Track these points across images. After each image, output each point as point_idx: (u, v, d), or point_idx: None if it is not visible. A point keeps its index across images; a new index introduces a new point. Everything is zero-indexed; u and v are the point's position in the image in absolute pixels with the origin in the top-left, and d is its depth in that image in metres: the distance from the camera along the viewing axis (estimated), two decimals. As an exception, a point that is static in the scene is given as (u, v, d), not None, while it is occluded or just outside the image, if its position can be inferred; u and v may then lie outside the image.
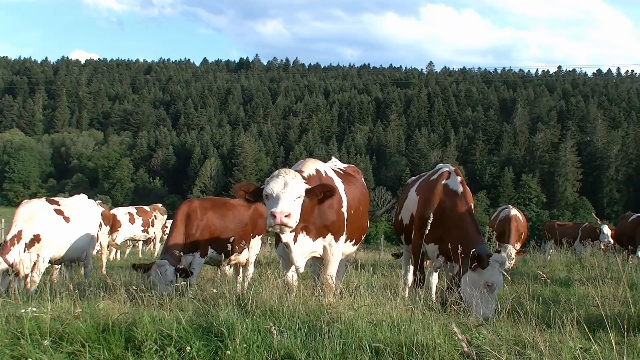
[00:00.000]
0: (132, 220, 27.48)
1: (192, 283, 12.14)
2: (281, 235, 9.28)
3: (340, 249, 10.42)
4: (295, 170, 9.66)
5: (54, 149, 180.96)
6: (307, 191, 9.29)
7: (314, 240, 10.02)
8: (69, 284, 10.26)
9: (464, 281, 10.11)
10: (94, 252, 17.14)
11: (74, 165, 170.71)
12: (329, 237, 10.16)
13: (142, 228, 28.03)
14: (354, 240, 11.14)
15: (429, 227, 9.07)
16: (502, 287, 10.46)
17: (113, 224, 25.73)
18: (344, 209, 10.43)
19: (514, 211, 22.79)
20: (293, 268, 10.12)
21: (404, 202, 12.34)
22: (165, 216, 30.04)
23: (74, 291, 9.25)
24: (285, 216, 8.67)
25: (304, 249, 9.95)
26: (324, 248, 10.19)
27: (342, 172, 11.54)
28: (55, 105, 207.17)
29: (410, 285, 12.24)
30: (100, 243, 21.30)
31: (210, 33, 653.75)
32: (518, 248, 20.75)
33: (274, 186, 9.02)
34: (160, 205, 30.88)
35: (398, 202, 13.21)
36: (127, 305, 8.77)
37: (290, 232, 9.28)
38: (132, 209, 28.58)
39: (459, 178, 11.17)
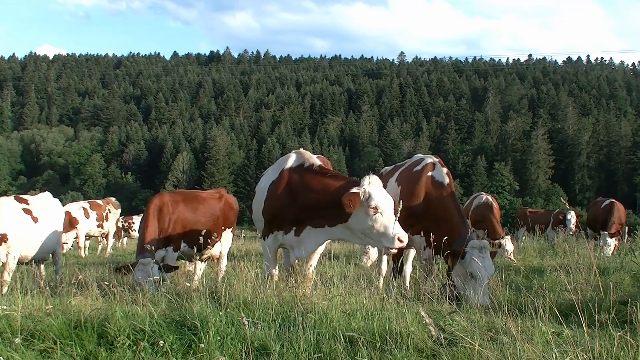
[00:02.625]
0: (86, 215, 26.95)
1: (166, 278, 12.08)
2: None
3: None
4: (302, 162, 10.05)
5: (23, 146, 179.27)
6: None
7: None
8: (40, 281, 10.19)
9: (454, 274, 10.15)
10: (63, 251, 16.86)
11: (44, 162, 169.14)
12: None
13: (97, 223, 27.39)
14: None
15: (399, 218, 9.08)
16: (493, 271, 10.41)
17: (70, 221, 25.40)
18: None
19: (489, 198, 22.88)
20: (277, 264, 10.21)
21: None
22: (119, 210, 29.50)
23: (45, 288, 9.19)
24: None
25: (313, 240, 10.08)
26: None
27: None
28: (24, 101, 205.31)
29: (384, 274, 12.26)
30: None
31: (180, 26, 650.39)
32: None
33: (384, 201, 9.09)
34: (113, 199, 30.24)
35: None
36: (99, 301, 8.73)
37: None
38: (85, 204, 28.03)
39: (445, 169, 11.22)
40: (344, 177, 10.02)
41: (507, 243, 19.79)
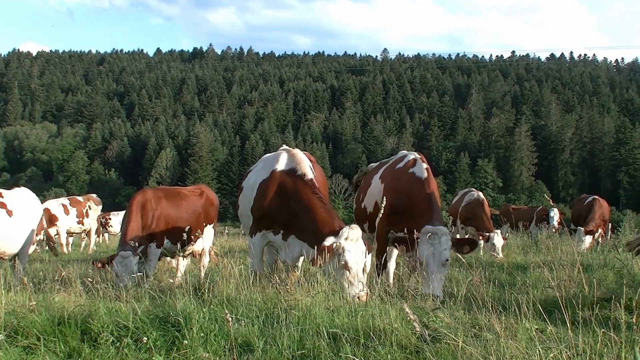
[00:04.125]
0: (66, 212, 26.73)
1: (150, 274, 12.06)
2: None
3: None
4: (294, 168, 10.09)
5: (6, 142, 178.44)
6: None
7: None
8: (23, 277, 10.15)
9: (413, 263, 10.15)
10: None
11: (27, 159, 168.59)
12: None
13: (77, 219, 27.18)
14: None
15: (382, 214, 9.11)
16: (449, 257, 10.29)
17: (50, 218, 25.23)
18: None
19: (481, 194, 22.80)
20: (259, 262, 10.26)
21: (367, 190, 12.30)
22: (100, 207, 29.29)
23: (28, 284, 9.16)
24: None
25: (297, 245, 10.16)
26: None
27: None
28: (7, 98, 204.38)
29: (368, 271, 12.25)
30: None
31: (162, 23, 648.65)
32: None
33: (354, 260, 9.17)
34: (94, 195, 29.89)
35: (360, 190, 13.18)
36: (83, 297, 8.73)
37: None
38: (65, 200, 27.77)
39: (425, 165, 11.17)
40: (328, 210, 10.08)
41: (496, 238, 19.67)
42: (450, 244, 10.13)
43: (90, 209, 27.75)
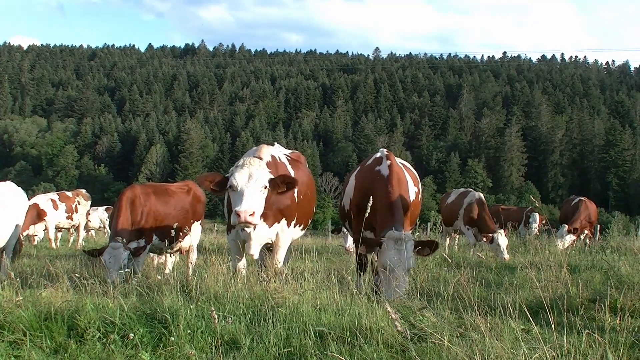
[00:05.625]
0: (55, 207, 26.61)
1: (138, 271, 12.04)
2: (245, 228, 9.32)
3: (290, 234, 10.53)
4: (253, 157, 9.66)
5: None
6: (270, 182, 9.29)
7: (270, 227, 10.09)
8: (10, 272, 10.12)
9: (377, 266, 10.08)
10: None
11: (17, 153, 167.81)
12: (283, 222, 10.23)
13: (66, 215, 27.03)
14: (302, 225, 11.21)
15: (367, 214, 9.08)
16: (412, 264, 10.23)
17: (38, 214, 25.18)
18: (296, 194, 10.47)
19: (481, 195, 22.41)
20: (244, 257, 10.18)
21: (345, 188, 12.23)
22: (89, 202, 29.18)
23: (15, 280, 9.14)
24: (250, 215, 8.70)
25: (261, 236, 10.01)
26: (277, 234, 10.24)
27: (289, 158, 11.56)
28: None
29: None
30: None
31: (154, 19, 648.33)
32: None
33: (239, 179, 9.00)
34: (84, 190, 29.68)
35: (342, 188, 13.15)
36: (70, 293, 8.68)
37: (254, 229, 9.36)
38: (54, 195, 27.55)
39: (389, 162, 10.95)
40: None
41: (500, 238, 19.21)
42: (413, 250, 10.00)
43: (79, 204, 27.57)
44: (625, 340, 6.56)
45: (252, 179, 8.99)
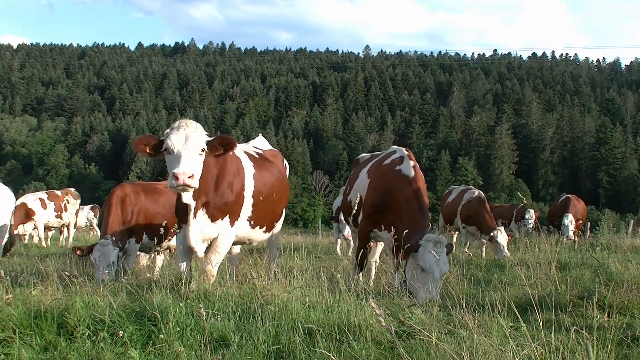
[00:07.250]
0: (44, 206, 26.56)
1: (128, 270, 12.06)
2: (182, 195, 9.12)
3: (233, 235, 10.11)
4: None
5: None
6: (208, 144, 9.16)
7: (212, 222, 9.70)
8: (0, 270, 10.11)
9: (408, 268, 10.01)
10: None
11: (7, 152, 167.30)
12: (226, 219, 9.84)
13: (55, 213, 26.99)
14: (264, 227, 10.97)
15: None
16: (448, 268, 10.22)
17: (27, 213, 25.18)
18: (247, 193, 10.25)
19: (481, 192, 22.12)
20: (187, 259, 9.93)
21: (354, 183, 12.17)
22: (79, 201, 29.11)
23: (5, 278, 9.14)
24: (189, 177, 8.48)
25: (203, 230, 9.65)
26: (219, 232, 9.84)
27: (258, 155, 11.37)
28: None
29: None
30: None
31: (144, 17, 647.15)
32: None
33: (175, 141, 8.80)
34: (73, 189, 29.65)
35: (348, 182, 13.06)
36: (59, 291, 8.67)
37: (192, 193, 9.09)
38: (43, 194, 27.48)
39: (412, 162, 10.99)
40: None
41: (500, 236, 19.04)
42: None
43: (68, 202, 27.55)
44: (613, 337, 6.60)
45: (189, 141, 8.83)
